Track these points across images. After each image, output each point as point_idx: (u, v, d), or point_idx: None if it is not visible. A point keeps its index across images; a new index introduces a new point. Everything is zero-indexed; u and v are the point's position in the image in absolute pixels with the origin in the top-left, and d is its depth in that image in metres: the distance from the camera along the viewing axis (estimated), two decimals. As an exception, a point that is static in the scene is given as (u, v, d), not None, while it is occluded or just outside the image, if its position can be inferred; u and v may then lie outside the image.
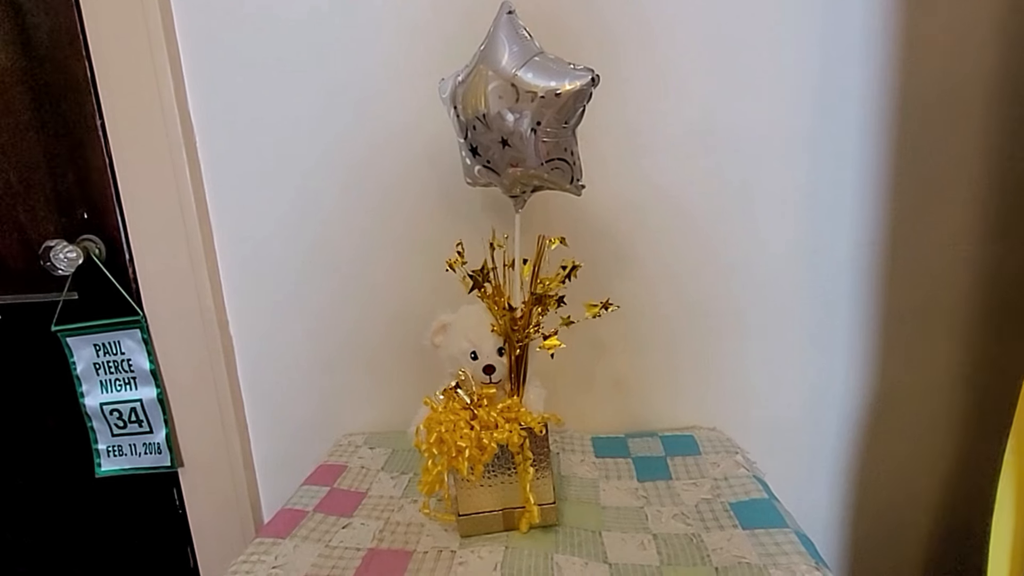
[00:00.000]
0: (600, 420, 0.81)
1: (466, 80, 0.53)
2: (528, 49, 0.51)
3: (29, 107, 0.78)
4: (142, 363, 0.82)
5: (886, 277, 0.76)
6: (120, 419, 0.84)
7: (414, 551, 0.56)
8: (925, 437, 0.80)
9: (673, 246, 0.76)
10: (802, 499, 0.74)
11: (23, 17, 0.76)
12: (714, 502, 0.61)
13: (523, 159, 0.53)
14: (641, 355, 0.79)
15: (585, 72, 0.49)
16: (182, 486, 0.87)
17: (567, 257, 0.59)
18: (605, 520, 0.60)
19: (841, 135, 0.72)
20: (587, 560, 0.53)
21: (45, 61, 0.77)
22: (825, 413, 0.80)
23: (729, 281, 0.76)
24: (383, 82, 0.74)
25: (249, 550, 0.56)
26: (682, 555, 0.54)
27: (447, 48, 0.70)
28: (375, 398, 0.83)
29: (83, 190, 0.80)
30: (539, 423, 0.56)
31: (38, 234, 0.82)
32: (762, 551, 0.53)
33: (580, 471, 0.69)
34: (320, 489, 0.67)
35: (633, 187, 0.74)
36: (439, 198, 0.76)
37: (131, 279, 0.81)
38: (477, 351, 0.59)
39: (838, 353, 0.78)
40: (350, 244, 0.79)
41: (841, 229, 0.75)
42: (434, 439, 0.54)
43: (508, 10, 0.52)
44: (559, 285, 0.59)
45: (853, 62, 0.70)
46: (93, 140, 0.78)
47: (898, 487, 0.81)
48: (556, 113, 0.50)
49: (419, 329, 0.65)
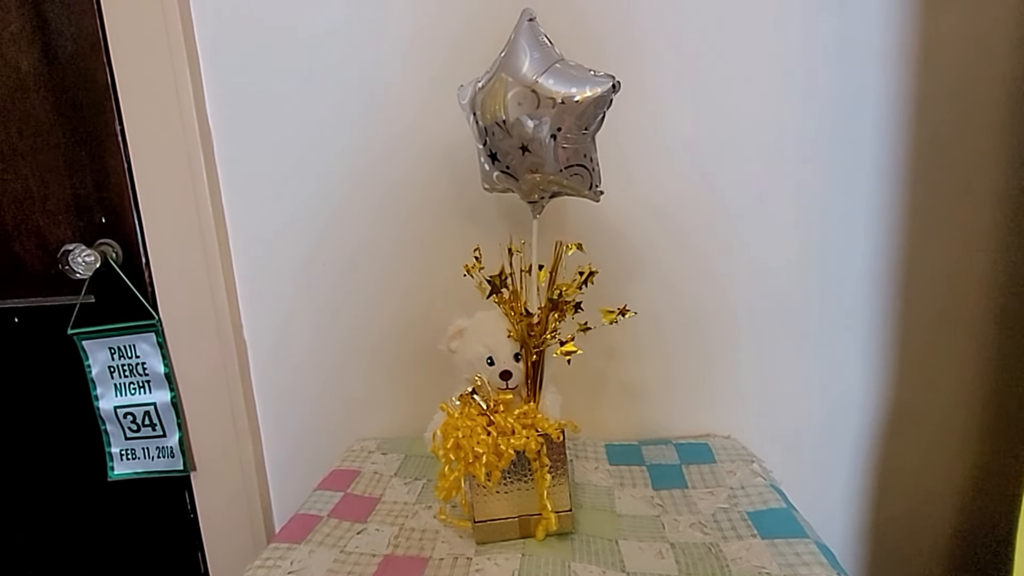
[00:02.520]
0: (613, 427, 0.80)
1: (486, 86, 0.53)
2: (549, 56, 0.51)
3: (50, 112, 0.79)
4: (156, 367, 0.82)
5: (903, 284, 0.75)
6: (134, 422, 0.85)
7: (430, 557, 0.56)
8: (943, 446, 0.79)
9: (690, 253, 0.76)
10: (819, 508, 0.73)
11: (47, 23, 0.77)
12: (731, 511, 0.61)
13: (542, 165, 0.53)
14: (655, 362, 0.79)
15: (606, 78, 0.50)
16: (194, 490, 0.87)
17: (584, 263, 0.59)
18: (621, 528, 0.59)
19: (858, 140, 0.72)
20: (605, 569, 0.53)
21: (67, 67, 0.78)
22: (842, 422, 0.79)
23: (745, 288, 0.76)
24: (399, 87, 0.74)
25: (265, 555, 0.56)
26: (701, 565, 0.53)
27: (464, 55, 0.70)
28: (388, 403, 0.83)
29: (101, 194, 0.81)
30: (556, 429, 0.56)
31: (56, 238, 0.82)
32: (782, 561, 0.52)
33: (594, 478, 0.69)
34: (334, 494, 0.67)
35: (650, 193, 0.74)
36: (455, 204, 0.76)
37: (147, 283, 0.82)
38: (494, 356, 0.59)
39: (855, 361, 0.78)
40: (365, 249, 0.79)
41: (858, 236, 0.74)
42: (451, 444, 0.54)
43: (529, 17, 0.52)
44: (576, 291, 0.59)
45: (869, 66, 0.70)
46: (112, 145, 0.79)
47: (916, 496, 0.80)
48: (576, 119, 0.50)
49: (434, 334, 0.65)
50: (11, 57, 0.78)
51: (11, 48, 0.77)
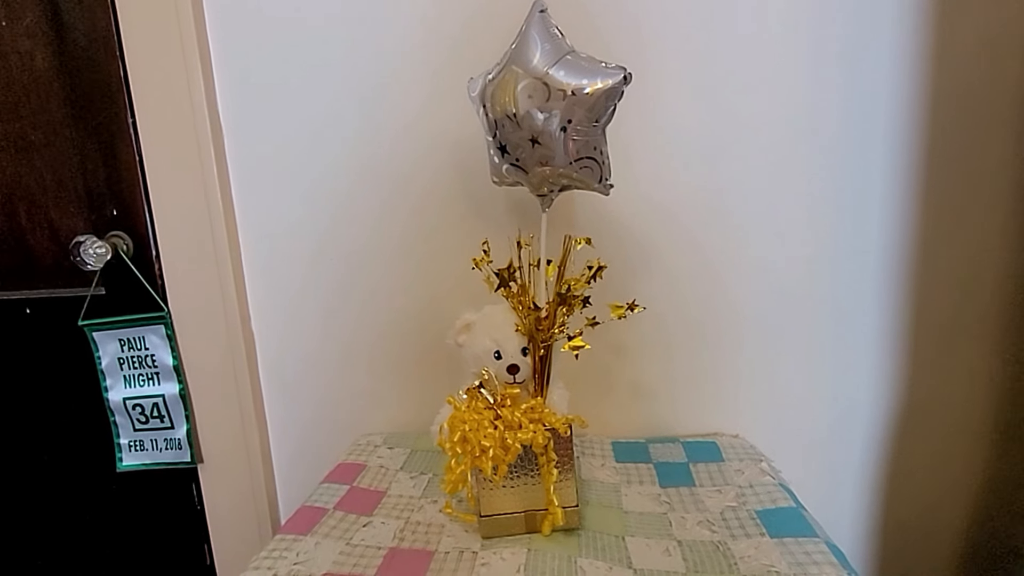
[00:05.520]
0: (620, 424, 0.80)
1: (496, 78, 0.53)
2: (560, 48, 0.51)
3: (63, 106, 0.80)
4: (165, 359, 0.83)
5: (915, 285, 0.74)
6: (142, 414, 0.85)
7: (435, 551, 0.55)
8: (954, 448, 0.78)
9: (699, 249, 0.75)
10: (828, 509, 0.72)
11: (60, 18, 0.78)
12: (740, 509, 0.60)
13: (552, 158, 0.53)
14: (662, 359, 0.78)
15: (617, 70, 0.49)
16: (201, 482, 0.87)
17: (593, 258, 0.59)
18: (628, 525, 0.59)
19: (869, 140, 0.71)
20: (611, 565, 0.52)
21: (80, 61, 0.79)
22: (852, 422, 0.78)
23: (754, 287, 0.75)
24: (407, 80, 0.74)
25: (271, 546, 0.56)
26: (708, 562, 0.53)
27: (472, 47, 0.70)
28: (394, 398, 0.83)
29: (113, 187, 0.82)
30: (563, 424, 0.56)
31: (68, 230, 0.83)
32: (792, 560, 0.51)
33: (600, 475, 0.68)
34: (340, 487, 0.67)
35: (660, 188, 0.74)
36: (463, 197, 0.76)
37: (157, 275, 0.82)
38: (501, 350, 0.59)
39: (866, 361, 0.77)
40: (372, 242, 0.79)
41: (869, 236, 0.73)
42: (458, 438, 0.54)
43: (540, 8, 0.52)
44: (584, 285, 0.58)
45: (880, 66, 0.69)
46: (124, 139, 0.80)
47: (927, 498, 0.79)
48: (587, 112, 0.50)
49: (442, 328, 0.65)
50: (25, 51, 0.78)
51: (25, 42, 0.78)
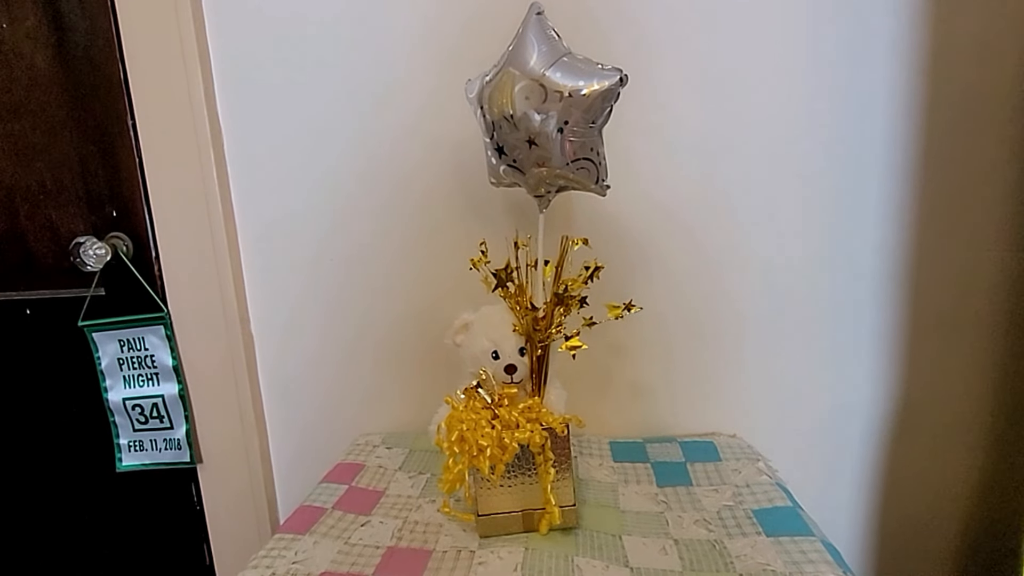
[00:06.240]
0: (617, 424, 0.80)
1: (493, 80, 0.53)
2: (556, 49, 0.51)
3: (63, 107, 0.80)
4: (165, 359, 0.83)
5: (912, 284, 0.75)
6: (142, 414, 0.85)
7: (433, 550, 0.56)
8: (951, 446, 0.78)
9: (697, 249, 0.75)
10: (825, 508, 0.72)
11: (61, 20, 0.78)
12: (736, 509, 0.60)
13: (549, 159, 0.53)
14: (660, 360, 0.79)
15: (613, 72, 0.50)
16: (200, 482, 0.87)
17: (590, 258, 0.59)
18: (625, 524, 0.59)
19: (867, 139, 0.71)
20: (608, 563, 0.52)
21: (81, 62, 0.79)
22: (849, 421, 0.79)
23: (752, 286, 0.76)
24: (406, 82, 0.74)
25: (269, 545, 0.56)
26: (705, 561, 0.53)
27: (471, 48, 0.70)
28: (393, 398, 0.83)
29: (113, 188, 0.82)
30: (561, 424, 0.56)
31: (68, 231, 0.84)
32: (787, 559, 0.52)
33: (598, 475, 0.69)
34: (338, 487, 0.67)
35: (657, 189, 0.74)
36: (461, 199, 0.77)
37: (156, 276, 0.82)
38: (499, 350, 0.59)
39: (863, 360, 0.77)
40: (371, 243, 0.79)
41: (866, 235, 0.74)
42: (455, 437, 0.54)
43: (537, 11, 0.52)
44: (581, 286, 0.59)
45: (878, 65, 0.69)
46: (124, 140, 0.80)
47: (923, 496, 0.79)
48: (583, 113, 0.51)
49: (440, 328, 0.65)
50: (26, 53, 0.79)
51: (26, 44, 0.79)
